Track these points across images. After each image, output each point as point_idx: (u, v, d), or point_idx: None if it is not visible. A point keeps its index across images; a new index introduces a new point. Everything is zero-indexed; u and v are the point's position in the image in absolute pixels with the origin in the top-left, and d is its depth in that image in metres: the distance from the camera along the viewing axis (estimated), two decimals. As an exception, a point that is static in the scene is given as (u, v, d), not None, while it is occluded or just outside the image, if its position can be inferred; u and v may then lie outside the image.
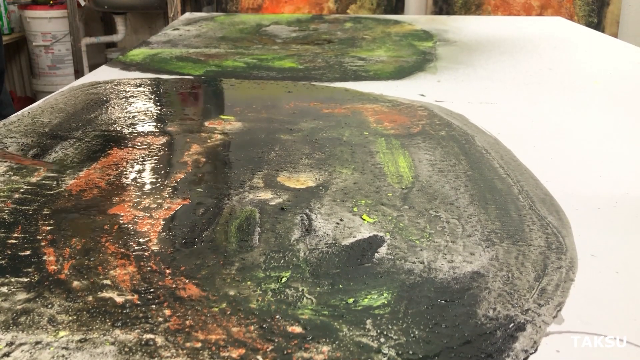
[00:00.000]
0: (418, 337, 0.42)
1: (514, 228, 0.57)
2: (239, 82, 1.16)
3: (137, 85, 1.13)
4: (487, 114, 0.95)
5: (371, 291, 0.48)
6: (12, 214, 0.60)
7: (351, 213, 0.61)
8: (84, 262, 0.52)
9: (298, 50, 1.47)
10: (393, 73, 1.24)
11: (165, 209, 0.62)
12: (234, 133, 0.86)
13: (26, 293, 0.47)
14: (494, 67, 1.28)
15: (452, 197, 0.64)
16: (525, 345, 0.41)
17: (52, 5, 3.32)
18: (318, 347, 0.41)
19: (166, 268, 0.51)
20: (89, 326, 0.43)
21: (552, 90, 1.10)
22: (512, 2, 3.12)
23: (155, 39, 1.62)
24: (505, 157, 0.76)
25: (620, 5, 3.06)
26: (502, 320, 0.44)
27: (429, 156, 0.76)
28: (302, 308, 0.46)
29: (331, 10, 3.15)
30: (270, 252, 0.53)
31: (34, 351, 0.41)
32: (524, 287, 0.48)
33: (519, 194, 0.65)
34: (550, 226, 0.58)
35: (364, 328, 0.43)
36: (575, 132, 0.87)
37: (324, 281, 0.49)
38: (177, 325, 0.43)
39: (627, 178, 0.70)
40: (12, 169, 0.72)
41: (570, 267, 0.51)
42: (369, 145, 0.80)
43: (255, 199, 0.64)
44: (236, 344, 0.41)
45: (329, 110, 0.96)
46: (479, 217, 0.60)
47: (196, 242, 0.55)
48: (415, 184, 0.68)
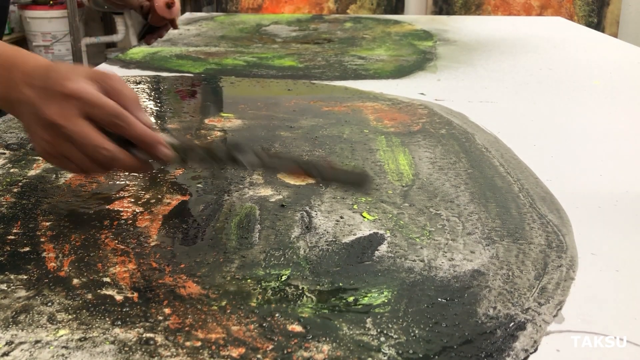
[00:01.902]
0: (418, 336, 0.42)
1: (514, 226, 0.57)
2: (239, 80, 1.16)
3: (137, 83, 1.13)
4: (487, 112, 0.95)
5: (371, 289, 0.48)
6: (11, 209, 0.60)
7: (351, 210, 0.60)
8: (83, 259, 0.51)
9: (298, 49, 1.47)
10: (393, 72, 1.24)
11: (164, 204, 0.61)
12: (233, 130, 0.86)
13: (25, 291, 0.47)
14: (493, 67, 1.28)
15: (452, 195, 0.64)
16: (525, 345, 0.41)
17: (52, 5, 3.32)
18: (318, 346, 0.41)
19: (166, 265, 0.51)
20: (89, 325, 0.43)
21: (552, 90, 1.10)
22: (512, 2, 3.12)
23: (155, 38, 1.61)
24: (506, 155, 0.76)
25: (620, 5, 3.06)
26: (503, 319, 0.44)
27: (429, 154, 0.76)
28: (302, 306, 0.45)
29: (331, 10, 3.15)
30: (270, 249, 0.53)
31: (34, 350, 0.40)
32: (524, 285, 0.48)
33: (519, 192, 0.65)
34: (551, 224, 0.58)
35: (364, 327, 0.43)
36: (575, 131, 0.87)
37: (324, 279, 0.49)
38: (177, 324, 0.43)
39: (627, 176, 0.70)
40: (11, 161, 0.72)
41: (570, 265, 0.51)
42: (369, 142, 0.80)
43: (255, 195, 0.64)
44: (236, 343, 0.41)
45: (329, 108, 0.96)
46: (479, 215, 0.60)
47: (196, 239, 0.55)
48: (415, 181, 0.67)
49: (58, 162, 0.54)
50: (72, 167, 0.54)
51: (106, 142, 0.52)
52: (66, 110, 0.51)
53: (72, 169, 0.55)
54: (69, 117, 0.51)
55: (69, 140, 0.51)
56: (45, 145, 0.52)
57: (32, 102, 0.51)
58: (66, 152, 0.52)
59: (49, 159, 0.54)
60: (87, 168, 0.53)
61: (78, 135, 0.51)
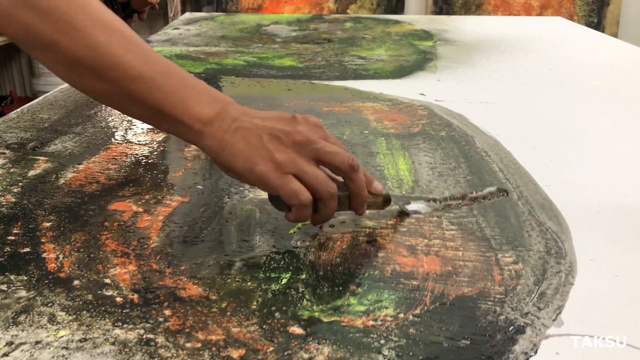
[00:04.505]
0: (418, 339, 0.42)
1: (513, 234, 0.57)
2: (239, 80, 1.16)
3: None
4: (487, 113, 0.95)
5: (372, 292, 0.48)
6: (11, 209, 0.60)
7: (352, 215, 0.60)
8: (84, 260, 0.51)
9: (298, 49, 1.47)
10: (393, 72, 1.24)
11: (164, 205, 0.62)
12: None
13: (26, 291, 0.47)
14: (494, 67, 1.28)
15: (452, 202, 0.64)
16: (525, 348, 0.42)
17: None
18: (319, 348, 0.41)
19: (166, 267, 0.51)
20: (89, 326, 0.43)
21: (552, 90, 1.10)
22: (512, 2, 3.12)
23: (155, 38, 1.61)
24: (505, 160, 0.76)
25: (620, 5, 3.06)
26: (502, 323, 0.44)
27: (429, 158, 0.76)
28: (302, 309, 0.46)
29: (331, 10, 3.15)
30: (271, 252, 0.53)
31: (34, 351, 0.40)
32: (524, 291, 0.48)
33: (519, 199, 0.65)
34: (550, 231, 0.58)
35: (365, 329, 0.43)
36: (574, 133, 0.87)
37: (325, 282, 0.49)
38: (177, 326, 0.43)
39: (626, 181, 0.70)
40: (11, 161, 0.72)
41: (569, 271, 0.51)
42: (370, 145, 0.80)
43: (256, 198, 0.64)
44: (236, 345, 0.41)
45: (329, 108, 0.96)
46: (478, 222, 0.60)
47: (196, 241, 0.55)
48: (415, 189, 0.67)
49: (285, 182, 0.52)
50: (297, 188, 0.52)
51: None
52: (314, 132, 0.54)
53: (296, 190, 0.52)
54: (318, 139, 0.54)
55: (314, 157, 0.53)
56: (283, 160, 0.52)
57: (275, 125, 0.54)
58: (305, 167, 0.52)
59: (276, 176, 0.52)
60: (320, 186, 0.53)
61: (327, 155, 0.53)
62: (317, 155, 0.53)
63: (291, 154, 0.52)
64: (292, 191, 0.52)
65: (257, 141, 0.53)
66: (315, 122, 0.56)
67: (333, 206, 0.54)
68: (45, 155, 0.75)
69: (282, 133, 0.53)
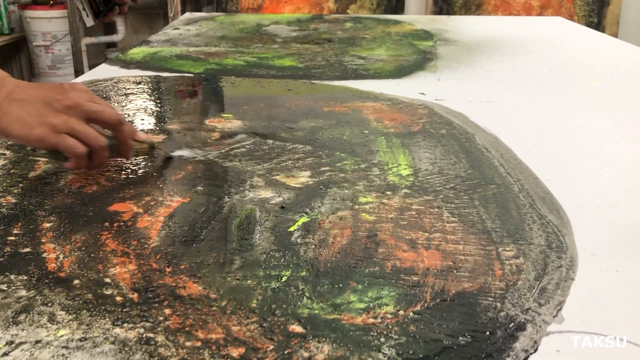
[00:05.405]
0: (418, 337, 0.42)
1: (514, 227, 0.57)
2: (239, 80, 1.16)
3: (137, 83, 1.13)
4: (487, 112, 0.95)
5: (372, 290, 0.48)
6: (11, 210, 0.60)
7: (351, 211, 0.60)
8: (84, 260, 0.51)
9: (298, 49, 1.47)
10: (393, 72, 1.24)
11: (165, 206, 0.62)
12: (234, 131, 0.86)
13: (26, 291, 0.47)
14: (494, 67, 1.28)
15: (452, 196, 0.64)
16: (525, 345, 0.41)
17: (52, 5, 3.32)
18: (319, 346, 0.41)
19: (166, 266, 0.51)
20: (89, 325, 0.43)
21: (552, 90, 1.10)
22: (512, 2, 3.12)
23: (155, 38, 1.61)
24: (506, 156, 0.76)
25: (620, 5, 3.06)
26: (503, 319, 0.44)
27: (429, 154, 0.76)
28: (302, 307, 0.45)
29: (331, 10, 3.15)
30: (271, 250, 0.53)
31: (34, 350, 0.40)
32: (525, 286, 0.48)
33: (519, 192, 0.65)
34: (551, 225, 0.58)
35: (365, 327, 0.43)
36: (575, 131, 0.87)
37: (325, 280, 0.49)
38: (177, 324, 0.43)
39: (627, 177, 0.70)
40: (11, 162, 0.72)
41: (570, 266, 0.51)
42: (370, 144, 0.80)
43: (256, 197, 0.64)
44: (236, 343, 0.41)
45: (329, 108, 0.96)
46: (479, 215, 0.60)
47: (196, 240, 0.55)
48: (415, 183, 0.67)
49: (61, 139, 0.62)
50: (72, 143, 0.62)
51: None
52: (81, 96, 0.64)
53: (72, 145, 0.62)
54: (85, 102, 0.64)
55: (83, 117, 0.63)
56: (57, 123, 0.62)
57: (46, 94, 0.63)
58: (77, 127, 0.63)
59: (53, 136, 0.62)
60: (91, 140, 0.63)
61: (95, 114, 0.64)
62: (86, 114, 0.64)
63: (64, 117, 0.62)
64: (69, 146, 0.62)
65: (32, 109, 0.62)
66: (82, 87, 0.66)
67: (105, 155, 0.65)
68: (45, 157, 0.75)
69: (54, 100, 0.63)
